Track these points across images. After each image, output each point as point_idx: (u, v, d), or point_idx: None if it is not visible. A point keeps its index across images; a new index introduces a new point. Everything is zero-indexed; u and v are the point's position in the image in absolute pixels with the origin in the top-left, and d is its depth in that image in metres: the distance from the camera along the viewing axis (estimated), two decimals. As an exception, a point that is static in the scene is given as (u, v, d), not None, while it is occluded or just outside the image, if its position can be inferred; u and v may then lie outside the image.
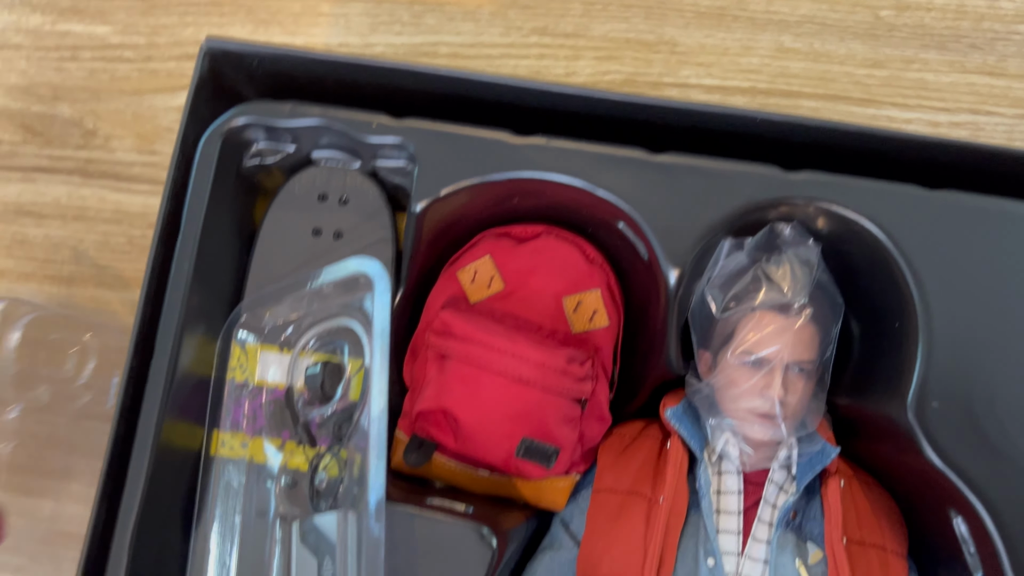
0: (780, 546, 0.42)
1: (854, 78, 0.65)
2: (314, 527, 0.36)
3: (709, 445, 0.44)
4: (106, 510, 0.41)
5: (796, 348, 0.42)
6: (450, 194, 0.41)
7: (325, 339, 0.41)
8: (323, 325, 0.41)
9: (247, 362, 0.43)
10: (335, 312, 0.41)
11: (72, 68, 0.69)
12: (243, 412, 0.43)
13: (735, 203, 0.40)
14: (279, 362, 0.43)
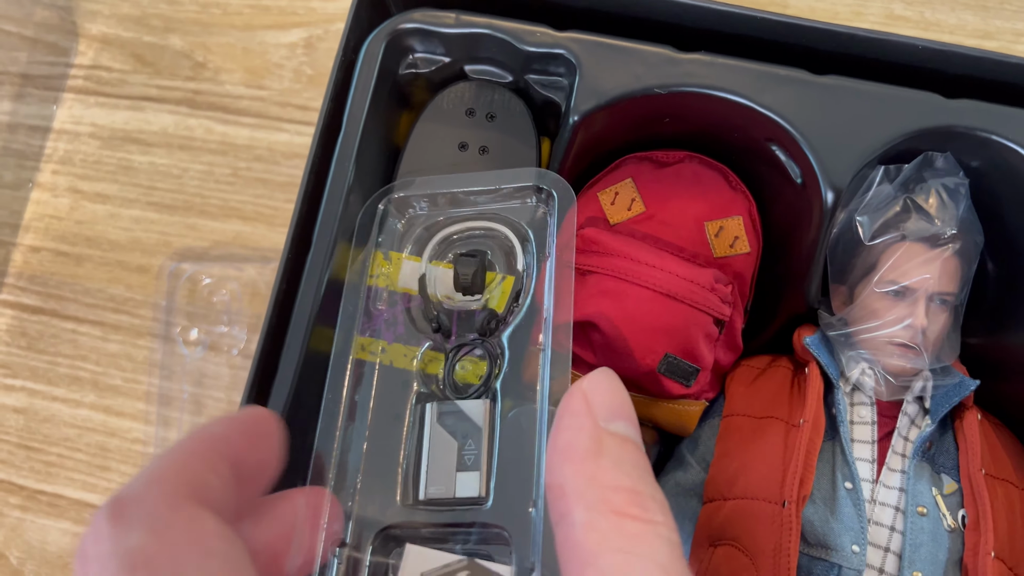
0: (916, 475, 0.42)
1: (964, 48, 0.65)
2: (456, 409, 0.35)
3: (844, 375, 0.44)
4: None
5: (941, 279, 0.43)
6: (608, 105, 0.42)
7: (472, 242, 0.40)
8: (474, 224, 0.40)
9: (390, 269, 0.43)
10: (488, 217, 0.40)
11: (184, 1, 0.70)
12: (383, 318, 0.43)
13: (896, 128, 0.40)
14: (415, 272, 0.42)
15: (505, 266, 0.38)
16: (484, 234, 0.40)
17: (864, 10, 0.66)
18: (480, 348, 0.36)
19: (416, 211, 0.40)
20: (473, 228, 0.40)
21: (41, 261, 0.67)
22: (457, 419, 0.35)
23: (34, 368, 0.65)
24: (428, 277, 0.38)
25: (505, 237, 0.39)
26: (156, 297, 0.65)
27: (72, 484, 0.63)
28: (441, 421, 0.35)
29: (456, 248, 0.39)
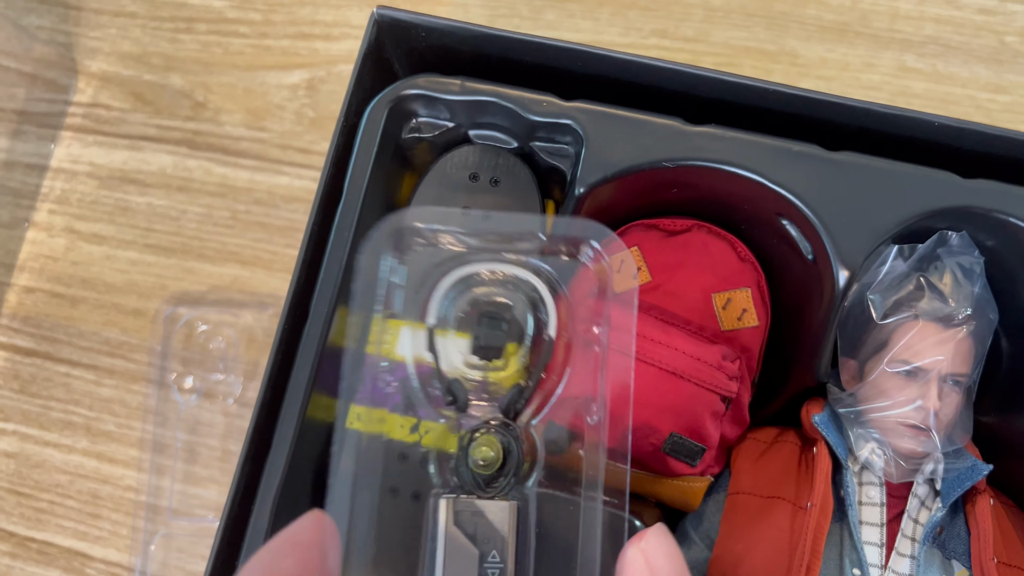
0: (926, 562, 0.41)
1: (976, 102, 0.64)
2: (475, 509, 0.30)
3: (853, 454, 0.43)
4: (248, 477, 0.40)
5: (955, 360, 0.41)
6: (615, 177, 0.41)
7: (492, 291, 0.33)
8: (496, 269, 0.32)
9: (387, 337, 0.41)
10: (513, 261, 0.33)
11: (186, 40, 0.70)
12: (379, 387, 0.42)
13: (912, 208, 0.39)
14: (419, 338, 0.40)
15: (531, 326, 0.31)
16: (508, 284, 0.32)
17: (876, 62, 0.65)
18: (505, 435, 0.30)
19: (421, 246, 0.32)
20: (494, 274, 0.32)
21: (35, 302, 0.66)
22: (477, 521, 0.29)
23: (26, 412, 0.64)
24: (438, 339, 0.32)
25: (532, 289, 0.32)
26: (151, 342, 0.64)
27: (63, 532, 0.62)
28: (458, 522, 0.29)
29: (471, 297, 0.32)
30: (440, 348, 0.31)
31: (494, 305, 0.31)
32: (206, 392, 0.63)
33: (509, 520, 0.29)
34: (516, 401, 0.31)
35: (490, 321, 0.30)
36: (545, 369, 0.31)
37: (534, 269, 0.31)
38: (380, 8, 0.42)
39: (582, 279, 0.41)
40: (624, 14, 0.67)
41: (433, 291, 0.31)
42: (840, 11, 0.66)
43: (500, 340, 0.30)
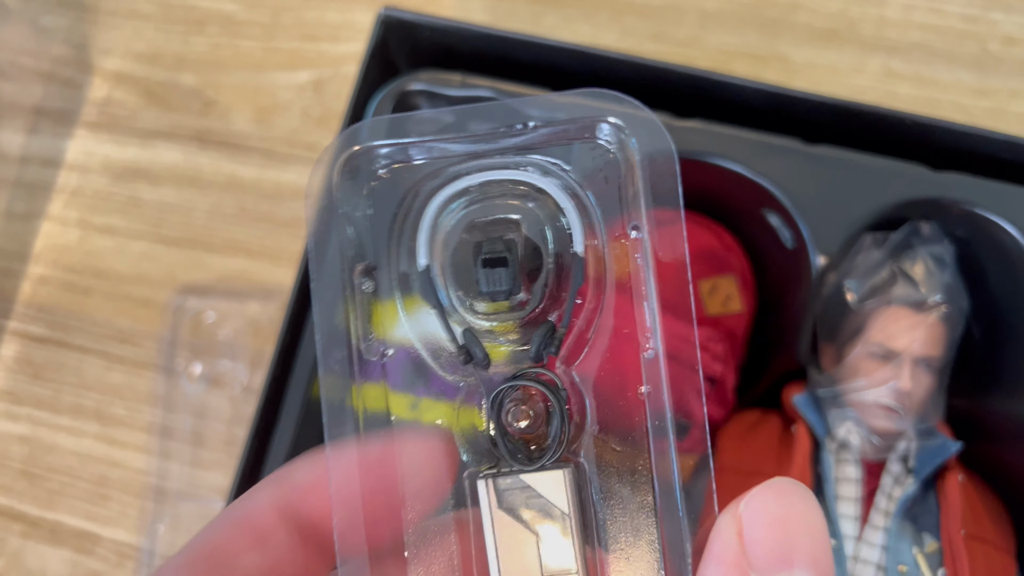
0: (898, 534, 0.43)
1: (959, 106, 0.66)
2: (521, 484, 0.24)
3: (831, 434, 0.46)
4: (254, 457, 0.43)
5: (926, 344, 0.44)
6: (607, 170, 0.43)
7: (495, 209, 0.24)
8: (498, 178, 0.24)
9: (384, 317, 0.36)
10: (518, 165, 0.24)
11: (197, 41, 0.72)
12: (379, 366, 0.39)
13: (885, 198, 0.42)
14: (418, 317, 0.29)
15: (551, 241, 0.24)
16: (513, 194, 0.24)
17: (863, 67, 0.68)
18: (542, 386, 0.24)
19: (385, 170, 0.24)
20: (496, 184, 0.24)
21: (49, 292, 0.68)
22: (527, 498, 0.24)
23: (39, 397, 0.66)
24: (436, 275, 0.24)
25: (549, 200, 0.24)
26: (161, 330, 0.66)
27: (73, 513, 0.64)
28: (505, 505, 0.24)
29: (470, 218, 0.24)
30: (442, 296, 0.24)
31: (495, 226, 0.23)
32: (213, 379, 0.65)
33: (566, 491, 0.24)
34: (548, 343, 0.24)
35: (491, 252, 0.23)
36: (579, 294, 0.24)
37: (538, 167, 0.23)
38: (387, 8, 0.45)
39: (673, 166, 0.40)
40: (621, 19, 0.69)
41: (417, 227, 0.24)
42: (829, 18, 0.69)
43: (507, 277, 0.23)
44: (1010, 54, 0.67)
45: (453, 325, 0.24)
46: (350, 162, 0.24)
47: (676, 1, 0.69)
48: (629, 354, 0.25)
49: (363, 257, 0.24)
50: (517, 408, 0.24)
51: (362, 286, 0.24)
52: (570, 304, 0.24)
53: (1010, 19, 0.67)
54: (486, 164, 0.23)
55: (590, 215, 0.24)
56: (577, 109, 0.23)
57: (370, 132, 0.24)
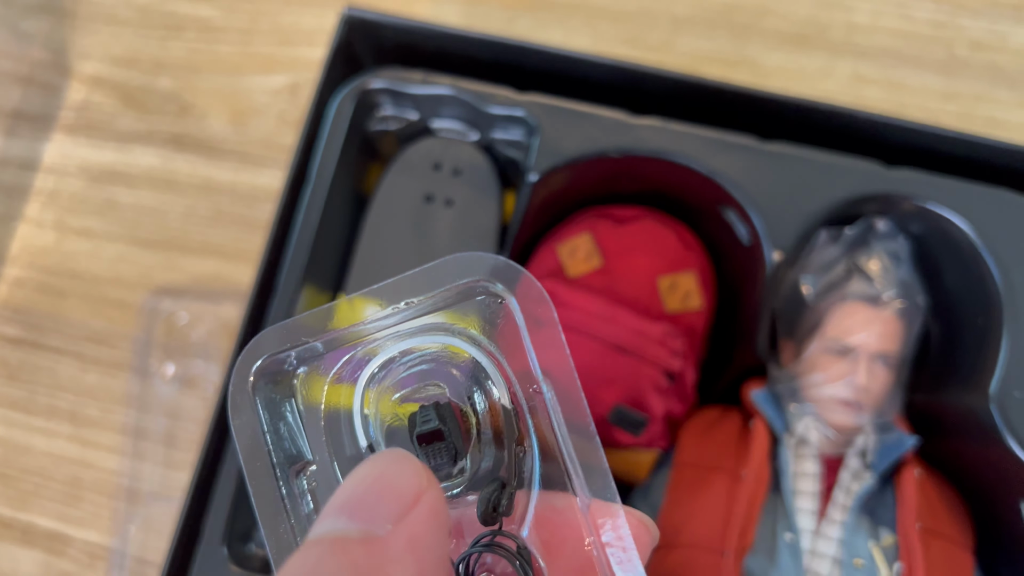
0: (854, 528, 0.43)
1: (927, 110, 0.67)
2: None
3: (789, 429, 0.46)
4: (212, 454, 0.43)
5: (882, 339, 0.44)
6: (566, 166, 0.43)
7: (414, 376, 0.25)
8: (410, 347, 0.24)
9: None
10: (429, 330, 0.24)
11: (175, 45, 0.73)
12: None
13: (838, 194, 0.42)
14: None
15: (480, 403, 0.24)
16: (429, 360, 0.24)
17: (832, 71, 0.69)
18: (505, 550, 0.23)
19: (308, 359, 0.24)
20: (410, 351, 0.24)
21: (25, 293, 0.69)
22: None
23: (13, 398, 0.67)
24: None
25: (466, 357, 0.24)
26: (135, 331, 0.67)
27: (45, 514, 0.65)
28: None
29: (396, 394, 0.24)
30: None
31: (419, 396, 0.24)
32: (186, 380, 0.66)
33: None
34: (498, 503, 0.23)
35: (424, 428, 0.23)
36: (518, 443, 0.24)
37: (445, 330, 0.24)
38: (349, 7, 0.45)
39: (537, 264, 0.43)
40: (594, 24, 0.70)
41: (351, 412, 0.24)
42: (799, 23, 0.69)
43: (446, 451, 0.23)
44: (977, 59, 0.68)
45: None
46: (261, 375, 0.23)
47: (648, 6, 0.70)
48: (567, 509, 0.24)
49: (299, 457, 0.24)
50: (487, 564, 0.23)
51: (303, 483, 0.24)
52: (512, 459, 0.23)
53: (977, 24, 0.68)
54: (395, 334, 0.24)
55: (502, 368, 0.24)
56: (448, 278, 0.23)
57: (265, 343, 0.23)
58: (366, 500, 0.19)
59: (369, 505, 0.19)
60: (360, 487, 0.19)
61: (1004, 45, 0.68)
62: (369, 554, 0.18)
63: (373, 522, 0.18)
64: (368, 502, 0.19)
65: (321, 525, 0.18)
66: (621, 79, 0.44)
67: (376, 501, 0.19)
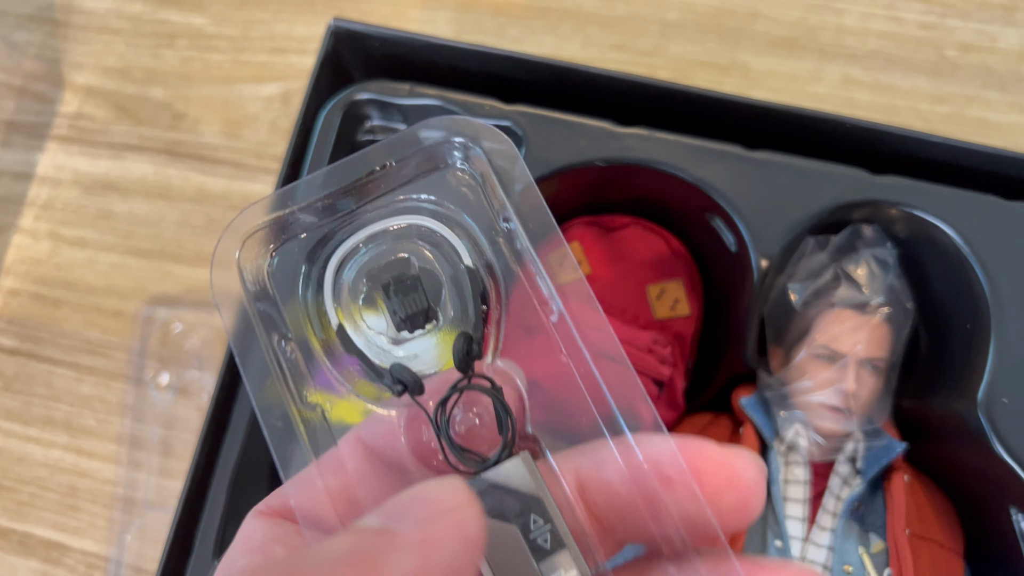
0: (844, 534, 0.44)
1: (917, 112, 0.67)
2: (487, 485, 0.24)
3: (779, 436, 0.46)
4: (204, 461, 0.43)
5: (870, 345, 0.44)
6: (553, 175, 0.44)
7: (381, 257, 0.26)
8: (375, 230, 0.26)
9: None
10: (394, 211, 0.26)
11: (167, 55, 0.73)
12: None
13: (824, 202, 0.42)
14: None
15: (443, 266, 0.26)
16: (397, 236, 0.26)
17: (822, 74, 0.69)
18: (476, 389, 0.25)
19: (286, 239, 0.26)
20: (379, 235, 0.26)
21: (20, 303, 0.69)
22: (498, 496, 0.24)
23: (9, 408, 0.67)
24: (348, 325, 0.26)
25: (420, 230, 0.26)
26: (130, 341, 0.67)
27: (42, 523, 0.65)
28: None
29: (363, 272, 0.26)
30: (361, 343, 0.26)
31: (391, 268, 0.26)
32: (181, 389, 0.66)
33: (530, 474, 0.24)
34: (469, 351, 0.25)
35: (398, 287, 0.25)
36: (483, 300, 0.26)
37: (409, 208, 0.26)
38: (336, 20, 0.46)
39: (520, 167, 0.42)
40: (584, 30, 0.70)
41: (319, 291, 0.26)
42: (788, 27, 0.69)
43: (420, 301, 0.25)
44: (967, 60, 0.68)
45: (379, 366, 0.25)
46: (245, 252, 0.25)
47: (638, 12, 0.70)
48: (540, 328, 0.26)
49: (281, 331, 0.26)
50: (463, 415, 0.25)
51: (285, 352, 0.26)
52: (475, 310, 0.25)
53: (967, 26, 0.68)
54: (365, 220, 0.25)
55: (468, 230, 0.26)
56: (421, 141, 0.25)
57: (249, 217, 0.25)
58: (398, 505, 0.20)
59: (399, 509, 0.20)
60: (402, 496, 0.20)
61: (994, 46, 0.68)
62: (377, 541, 0.19)
63: (396, 521, 0.19)
64: (399, 507, 0.20)
65: (361, 520, 0.20)
66: (608, 88, 0.44)
67: (407, 506, 0.20)
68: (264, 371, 0.25)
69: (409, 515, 0.20)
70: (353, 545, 0.19)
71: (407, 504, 0.20)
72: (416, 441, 0.25)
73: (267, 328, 0.26)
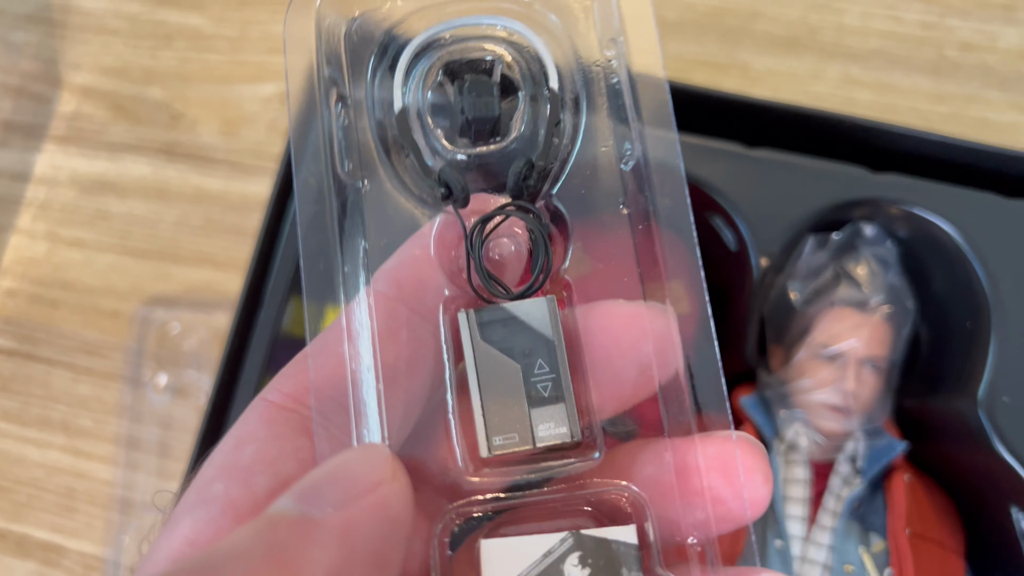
0: (844, 534, 0.43)
1: (918, 112, 0.67)
2: (504, 315, 0.23)
3: (779, 435, 0.46)
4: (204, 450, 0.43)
5: (870, 344, 0.44)
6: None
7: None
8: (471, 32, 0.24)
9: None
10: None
11: (165, 55, 0.73)
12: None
13: (824, 200, 0.42)
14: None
15: (527, 80, 0.23)
16: (485, 37, 0.24)
17: (822, 74, 0.68)
18: (522, 216, 0.23)
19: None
20: (468, 30, 0.24)
21: (17, 304, 0.69)
22: (510, 329, 0.23)
23: (6, 409, 0.67)
24: (412, 112, 0.23)
25: (521, 39, 0.24)
26: (127, 341, 0.67)
27: (40, 525, 0.64)
28: (487, 336, 0.23)
29: (442, 63, 0.24)
30: (419, 137, 0.23)
31: (474, 64, 0.23)
32: (179, 390, 0.66)
33: (550, 318, 0.22)
34: (527, 176, 0.23)
35: (473, 86, 0.22)
36: (556, 130, 0.23)
37: (510, 11, 0.24)
38: (333, 17, 0.45)
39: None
40: (583, 29, 0.70)
41: (394, 71, 0.23)
42: (789, 26, 0.69)
43: (491, 107, 0.22)
44: (967, 60, 0.68)
45: (430, 166, 0.23)
46: (323, 9, 0.24)
47: (638, 11, 0.70)
48: (609, 172, 0.24)
49: (341, 94, 0.24)
50: (499, 240, 0.23)
51: (338, 116, 0.24)
52: (547, 138, 0.23)
53: (967, 25, 0.68)
54: (461, 10, 0.24)
55: (563, 47, 0.24)
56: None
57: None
58: (317, 484, 0.19)
59: (317, 489, 0.18)
60: (319, 472, 0.19)
61: (994, 46, 0.68)
62: (294, 534, 0.17)
63: (314, 505, 0.18)
64: (318, 487, 0.19)
65: (273, 505, 0.18)
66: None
67: (325, 486, 0.18)
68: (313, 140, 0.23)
69: (328, 496, 0.18)
70: (269, 541, 0.17)
71: (326, 482, 0.19)
72: (445, 258, 0.23)
73: (326, 89, 0.24)
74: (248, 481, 0.20)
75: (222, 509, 0.20)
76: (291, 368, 0.22)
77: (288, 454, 0.21)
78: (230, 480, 0.21)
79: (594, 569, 0.21)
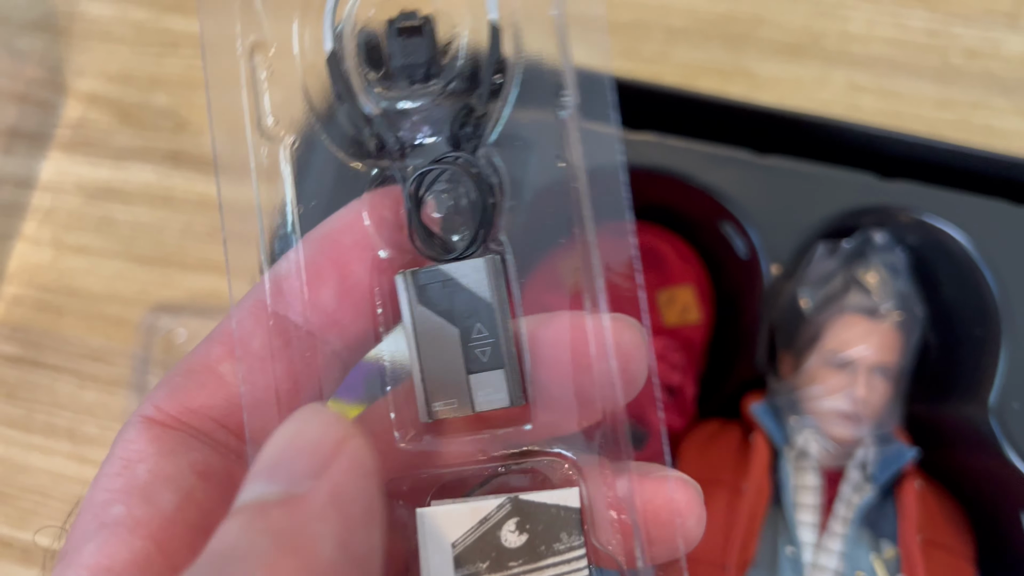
0: (856, 540, 0.43)
1: (922, 119, 0.67)
2: (442, 277, 0.22)
3: (789, 442, 0.46)
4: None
5: (881, 351, 0.44)
6: (562, 182, 0.43)
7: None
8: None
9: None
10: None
11: (170, 62, 0.73)
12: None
13: (835, 207, 0.42)
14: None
15: (469, 21, 0.22)
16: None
17: (827, 80, 0.69)
18: (460, 170, 0.21)
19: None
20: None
21: (23, 311, 0.69)
22: (449, 291, 0.22)
23: (11, 416, 0.67)
24: (341, 54, 0.22)
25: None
26: (133, 348, 0.66)
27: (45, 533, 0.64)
28: (424, 299, 0.22)
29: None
30: (351, 82, 0.22)
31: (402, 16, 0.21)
32: (185, 397, 0.65)
33: (489, 280, 0.21)
34: (466, 123, 0.21)
35: (405, 22, 0.21)
36: (497, 69, 0.22)
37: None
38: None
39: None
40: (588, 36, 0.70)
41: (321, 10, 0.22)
42: (793, 33, 0.69)
43: (424, 47, 0.21)
44: (972, 67, 0.68)
45: (363, 114, 0.22)
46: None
47: (643, 18, 0.70)
48: (546, 122, 0.22)
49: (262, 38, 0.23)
50: (437, 197, 0.22)
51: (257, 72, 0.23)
52: (487, 78, 0.21)
53: (971, 32, 0.68)
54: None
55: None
56: None
57: None
58: (283, 459, 0.18)
59: (287, 463, 0.18)
60: (278, 447, 0.18)
61: (998, 53, 0.68)
62: (289, 515, 0.17)
63: (292, 480, 0.17)
64: (286, 460, 0.18)
65: (244, 493, 0.18)
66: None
67: (294, 458, 0.18)
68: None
69: (298, 469, 0.17)
70: (269, 529, 0.16)
71: (288, 456, 0.18)
72: (380, 220, 0.22)
73: (245, 28, 0.22)
74: (150, 499, 0.20)
75: (130, 529, 0.20)
76: (165, 382, 0.22)
77: (185, 469, 0.20)
78: (130, 500, 0.20)
79: (532, 534, 0.21)
